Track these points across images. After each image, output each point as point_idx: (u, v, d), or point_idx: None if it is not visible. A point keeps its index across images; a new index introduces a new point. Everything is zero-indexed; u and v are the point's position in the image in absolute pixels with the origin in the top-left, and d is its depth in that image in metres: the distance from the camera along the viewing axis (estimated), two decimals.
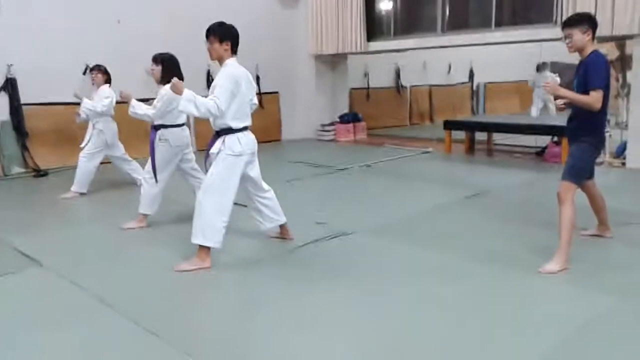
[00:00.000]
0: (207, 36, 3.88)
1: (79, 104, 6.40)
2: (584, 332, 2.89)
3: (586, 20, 3.71)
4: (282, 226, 4.50)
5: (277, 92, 11.05)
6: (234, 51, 3.89)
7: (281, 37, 10.94)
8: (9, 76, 7.58)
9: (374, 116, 12.56)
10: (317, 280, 3.72)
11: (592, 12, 7.25)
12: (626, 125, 7.84)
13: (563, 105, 3.88)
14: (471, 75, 15.73)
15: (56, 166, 8.06)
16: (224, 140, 3.85)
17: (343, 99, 11.92)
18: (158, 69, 4.88)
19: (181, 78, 4.26)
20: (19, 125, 7.72)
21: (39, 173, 7.78)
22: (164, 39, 9.00)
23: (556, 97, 3.85)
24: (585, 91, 3.65)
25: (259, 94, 10.52)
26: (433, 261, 3.99)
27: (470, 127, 9.30)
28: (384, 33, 10.57)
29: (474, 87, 16.15)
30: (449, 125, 9.37)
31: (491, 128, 9.38)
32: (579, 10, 7.37)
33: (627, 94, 7.70)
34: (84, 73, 8.33)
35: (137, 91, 8.66)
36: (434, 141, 10.30)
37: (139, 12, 8.86)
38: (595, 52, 3.71)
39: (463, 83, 15.64)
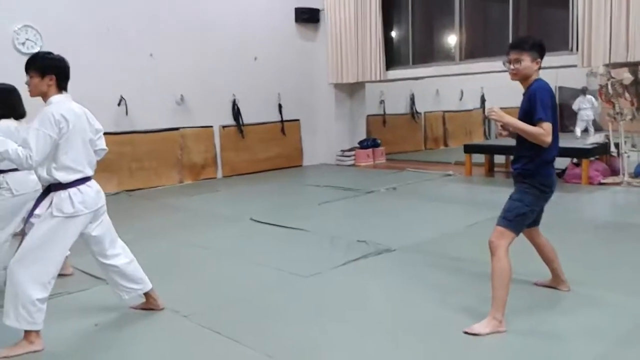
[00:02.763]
0: (26, 69, 3.23)
1: None
2: None
3: (538, 48, 3.29)
4: (146, 294, 3.69)
5: (298, 120, 11.40)
6: (61, 87, 3.28)
7: (302, 67, 11.34)
8: None
9: (391, 141, 12.86)
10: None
11: (608, 38, 7.62)
12: None
13: (504, 133, 3.34)
14: (483, 100, 16.07)
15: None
16: (52, 199, 3.21)
17: (361, 125, 12.25)
18: None
19: (17, 114, 4.05)
20: None
21: None
22: (189, 72, 9.47)
23: (504, 127, 3.29)
24: (530, 125, 3.16)
25: (281, 122, 10.91)
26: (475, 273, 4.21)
27: (490, 151, 9.58)
28: (402, 62, 10.94)
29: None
30: (469, 149, 9.65)
31: (510, 151, 9.63)
32: (595, 37, 7.73)
33: None
34: (119, 104, 8.70)
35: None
36: (453, 164, 10.58)
37: (170, 47, 9.26)
38: (539, 81, 3.27)
39: (475, 109, 15.97)
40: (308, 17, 11.32)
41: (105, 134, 8.23)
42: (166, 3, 9.22)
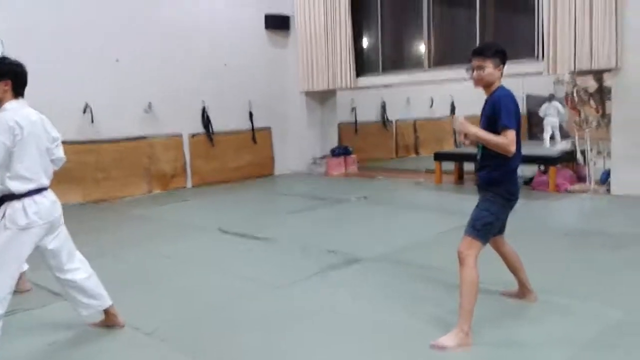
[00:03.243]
0: None
1: None
2: None
3: (501, 55, 3.26)
4: (106, 311, 3.51)
5: (269, 128, 11.31)
6: (18, 93, 3.16)
7: (272, 75, 11.27)
8: None
9: (362, 149, 12.86)
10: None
11: (572, 45, 7.75)
12: (608, 154, 8.26)
13: (467, 142, 3.33)
14: (452, 108, 16.24)
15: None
16: (4, 210, 3.08)
17: (332, 133, 12.22)
18: None
19: None
20: None
21: None
22: (157, 78, 9.31)
23: (466, 136, 3.26)
24: (493, 132, 3.13)
25: (252, 130, 10.81)
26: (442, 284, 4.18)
27: (460, 158, 9.64)
28: (372, 69, 10.96)
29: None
30: (439, 156, 9.70)
31: None
32: (560, 44, 7.86)
33: (608, 124, 8.11)
34: (84, 112, 8.49)
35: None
36: (424, 172, 10.62)
37: (137, 53, 9.08)
38: (502, 88, 3.25)
39: (445, 116, 16.12)
40: (278, 23, 11.26)
41: (69, 142, 8.26)
42: (133, 7, 9.04)
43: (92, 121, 8.57)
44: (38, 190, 3.13)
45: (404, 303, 3.82)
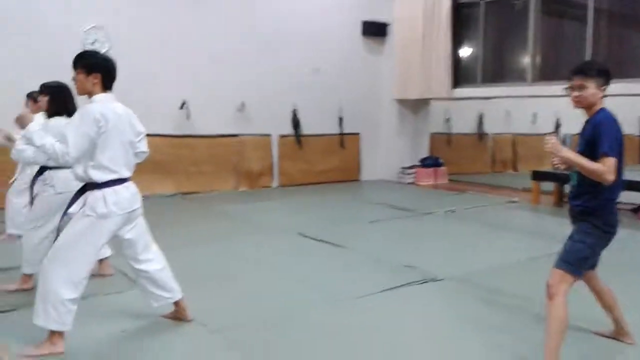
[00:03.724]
0: (74, 66, 3.22)
1: None
2: None
3: (604, 74, 2.98)
4: (176, 303, 3.57)
5: (358, 134, 11.18)
6: (106, 86, 3.22)
7: (365, 81, 11.14)
8: None
9: (454, 161, 12.36)
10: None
11: None
12: None
13: (562, 167, 3.09)
14: (557, 126, 15.23)
15: (146, 194, 8.43)
16: (86, 198, 3.16)
17: (424, 143, 11.85)
18: (44, 100, 4.12)
19: (68, 111, 3.94)
20: None
21: None
22: (251, 80, 9.47)
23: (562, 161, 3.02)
24: (591, 157, 2.86)
25: (341, 134, 10.73)
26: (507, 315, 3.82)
27: (561, 180, 8.94)
28: (470, 80, 10.51)
29: (561, 138, 15.61)
30: (538, 176, 9.06)
31: None
32: None
33: None
34: (181, 107, 8.82)
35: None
36: (520, 191, 9.99)
37: (235, 54, 9.31)
38: (604, 110, 2.97)
39: (549, 133, 15.15)
40: (375, 30, 11.11)
41: (165, 136, 8.58)
42: (232, 12, 9.29)
43: (189, 117, 8.88)
44: (119, 181, 3.19)
45: (482, 333, 3.52)
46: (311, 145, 10.46)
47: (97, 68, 3.18)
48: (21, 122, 3.14)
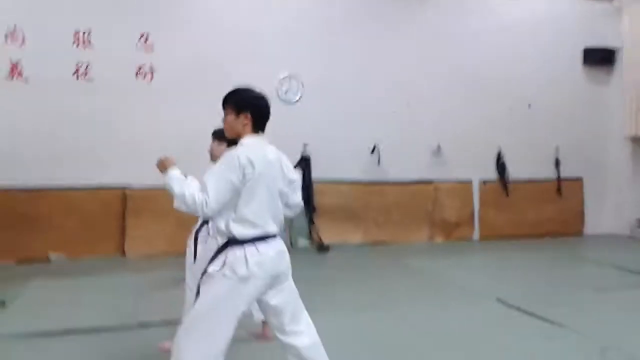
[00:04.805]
0: (223, 104, 2.87)
1: None
2: None
3: None
4: None
5: (580, 179, 9.45)
6: (257, 127, 2.82)
7: (588, 117, 9.47)
8: (304, 155, 8.00)
9: None
10: None
11: None
12: None
13: None
14: None
15: (337, 242, 8.07)
16: (226, 256, 2.69)
17: None
18: (222, 147, 3.77)
19: None
20: (309, 200, 8.01)
21: (322, 247, 7.88)
22: (449, 119, 8.62)
23: None
24: None
25: (558, 180, 9.17)
26: None
27: None
28: None
29: None
30: None
31: None
32: None
33: None
34: (372, 152, 8.36)
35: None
36: None
37: (431, 91, 8.64)
38: None
39: None
40: (600, 58, 9.44)
41: (355, 182, 8.17)
42: (433, 49, 8.67)
43: (379, 162, 8.37)
44: (263, 238, 2.71)
45: None
46: (520, 192, 9.11)
47: (246, 107, 2.81)
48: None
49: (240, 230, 2.67)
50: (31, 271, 6.29)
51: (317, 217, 8.10)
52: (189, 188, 2.62)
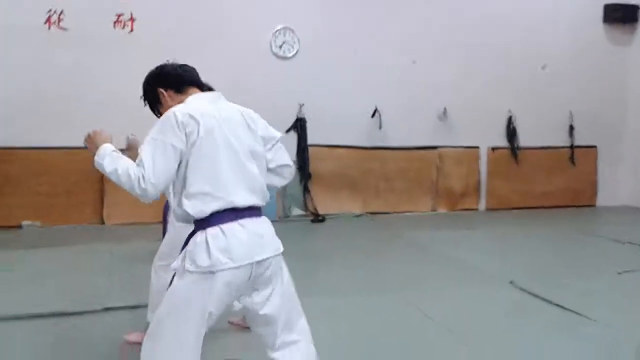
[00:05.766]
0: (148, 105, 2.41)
1: None
2: None
3: None
4: None
5: (594, 147, 8.84)
6: (185, 88, 2.28)
7: (607, 80, 8.77)
8: (299, 116, 7.39)
9: None
10: None
11: None
12: None
13: None
14: None
15: (334, 212, 7.53)
16: (187, 245, 2.08)
17: None
18: None
19: None
20: (304, 166, 7.43)
21: (317, 218, 7.33)
22: (456, 81, 7.98)
23: None
24: None
25: (571, 147, 8.56)
26: None
27: None
28: None
29: None
30: None
31: None
32: None
33: None
34: (372, 115, 7.73)
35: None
36: None
37: (437, 52, 7.94)
38: None
39: None
40: (622, 15, 8.69)
41: (353, 147, 7.57)
42: (436, 6, 7.95)
43: (380, 126, 7.75)
44: (230, 214, 2.04)
45: None
46: (530, 160, 8.51)
47: (153, 86, 2.32)
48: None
49: (194, 206, 2.03)
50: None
51: (312, 184, 7.53)
52: (122, 164, 2.03)
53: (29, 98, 6.50)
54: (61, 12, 6.56)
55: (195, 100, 2.17)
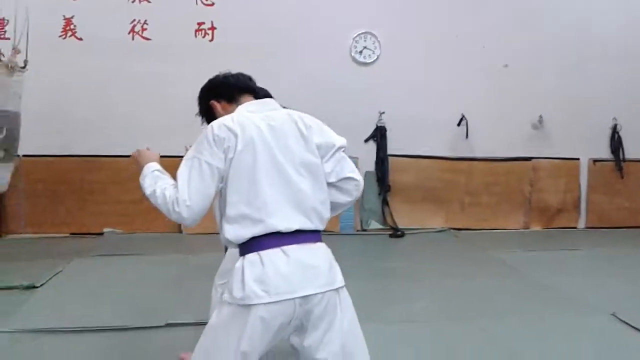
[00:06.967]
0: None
1: None
2: None
3: None
4: None
5: None
6: (236, 98, 2.08)
7: None
8: (379, 124, 7.06)
9: None
10: None
11: None
12: None
13: None
14: None
15: (414, 227, 7.12)
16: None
17: None
18: None
19: None
20: (383, 178, 7.08)
21: (396, 233, 6.95)
22: (554, 87, 7.32)
23: None
24: None
25: (621, 160, 7.54)
26: None
27: None
28: None
29: None
30: None
31: None
32: None
33: None
34: (459, 124, 7.25)
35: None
36: None
37: (532, 56, 7.34)
38: None
39: None
40: None
41: (438, 158, 7.14)
42: (531, 5, 7.36)
43: (467, 136, 7.25)
44: (270, 239, 1.78)
45: None
46: (638, 174, 7.67)
47: (206, 99, 2.19)
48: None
49: (233, 232, 1.80)
50: (81, 246, 5.93)
51: (392, 197, 7.15)
52: (161, 184, 1.86)
53: (116, 108, 6.68)
54: (144, 22, 6.70)
55: (242, 108, 1.98)
